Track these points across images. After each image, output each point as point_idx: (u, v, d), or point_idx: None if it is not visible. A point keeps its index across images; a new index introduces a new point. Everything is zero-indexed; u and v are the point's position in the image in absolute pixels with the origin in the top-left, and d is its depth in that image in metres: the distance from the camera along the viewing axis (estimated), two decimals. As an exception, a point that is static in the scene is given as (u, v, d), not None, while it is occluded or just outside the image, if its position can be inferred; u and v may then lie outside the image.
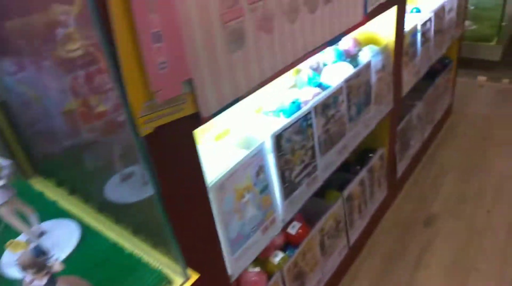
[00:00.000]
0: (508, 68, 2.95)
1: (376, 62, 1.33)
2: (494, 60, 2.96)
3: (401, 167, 1.81)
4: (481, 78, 2.94)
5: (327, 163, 1.17)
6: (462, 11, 2.24)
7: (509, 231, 1.65)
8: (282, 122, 0.98)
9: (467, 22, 3.12)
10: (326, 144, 1.14)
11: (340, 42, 1.40)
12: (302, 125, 1.01)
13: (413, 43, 1.64)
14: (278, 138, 0.94)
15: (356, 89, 1.24)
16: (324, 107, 1.10)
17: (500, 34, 2.95)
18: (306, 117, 1.02)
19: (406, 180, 1.96)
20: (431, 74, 2.09)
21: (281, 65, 0.87)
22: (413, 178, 2.00)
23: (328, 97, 1.11)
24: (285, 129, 0.95)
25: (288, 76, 1.33)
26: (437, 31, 1.90)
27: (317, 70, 1.36)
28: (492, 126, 2.39)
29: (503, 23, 2.98)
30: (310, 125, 1.04)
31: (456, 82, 2.49)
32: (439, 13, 1.89)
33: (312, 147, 1.07)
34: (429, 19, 1.77)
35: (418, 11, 1.96)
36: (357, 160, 1.59)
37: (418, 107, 1.90)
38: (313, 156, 1.08)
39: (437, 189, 1.92)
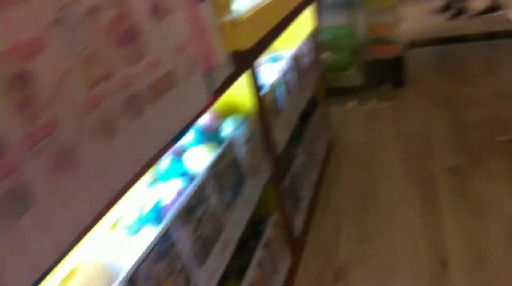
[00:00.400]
0: (372, 88, 3.16)
1: (241, 134, 1.21)
2: (358, 85, 3.15)
3: (298, 225, 1.71)
4: (352, 104, 3.09)
5: (211, 271, 0.98)
6: (319, 49, 2.30)
7: (414, 263, 1.63)
8: (140, 243, 0.78)
9: (327, 53, 3.30)
10: (203, 250, 0.96)
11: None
12: (162, 248, 0.81)
13: (277, 97, 1.58)
14: (131, 283, 0.72)
15: (225, 171, 1.09)
16: (189, 210, 0.92)
17: (357, 60, 3.16)
18: (165, 236, 0.83)
19: (306, 235, 1.86)
20: (304, 116, 2.08)
21: (103, 201, 0.66)
22: (313, 230, 1.92)
23: (192, 198, 0.93)
24: (139, 266, 0.74)
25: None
26: (300, 76, 1.89)
27: (179, 155, 1.19)
28: (373, 150, 2.48)
29: (357, 49, 3.21)
30: (174, 244, 0.85)
31: (330, 116, 2.54)
32: (298, 58, 1.89)
33: (184, 267, 0.87)
34: (289, 68, 1.74)
35: (277, 59, 1.94)
36: (251, 234, 1.44)
37: (299, 156, 1.84)
38: (187, 277, 0.88)
39: (338, 234, 1.86)
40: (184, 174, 1.12)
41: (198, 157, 1.13)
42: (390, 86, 3.13)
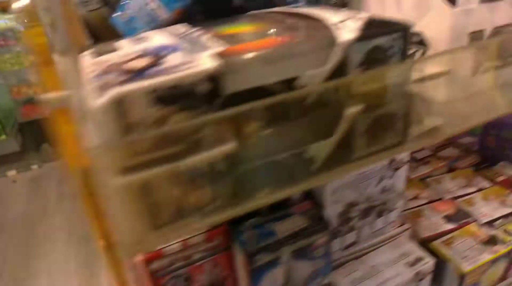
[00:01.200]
0: (32, 152, 2.96)
1: None
2: (16, 151, 2.89)
3: None
4: (11, 173, 2.80)
5: None
6: None
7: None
8: None
9: (-31, 123, 2.87)
10: None
11: None
12: None
13: None
14: None
15: None
16: None
17: (8, 125, 2.89)
18: None
19: None
20: None
21: None
22: None
23: None
24: None
25: None
26: None
27: None
28: (35, 220, 2.29)
29: (6, 113, 2.94)
30: None
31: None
32: None
33: None
34: None
35: None
36: None
37: None
38: None
39: None
40: None
41: None
42: (52, 146, 3.02)
